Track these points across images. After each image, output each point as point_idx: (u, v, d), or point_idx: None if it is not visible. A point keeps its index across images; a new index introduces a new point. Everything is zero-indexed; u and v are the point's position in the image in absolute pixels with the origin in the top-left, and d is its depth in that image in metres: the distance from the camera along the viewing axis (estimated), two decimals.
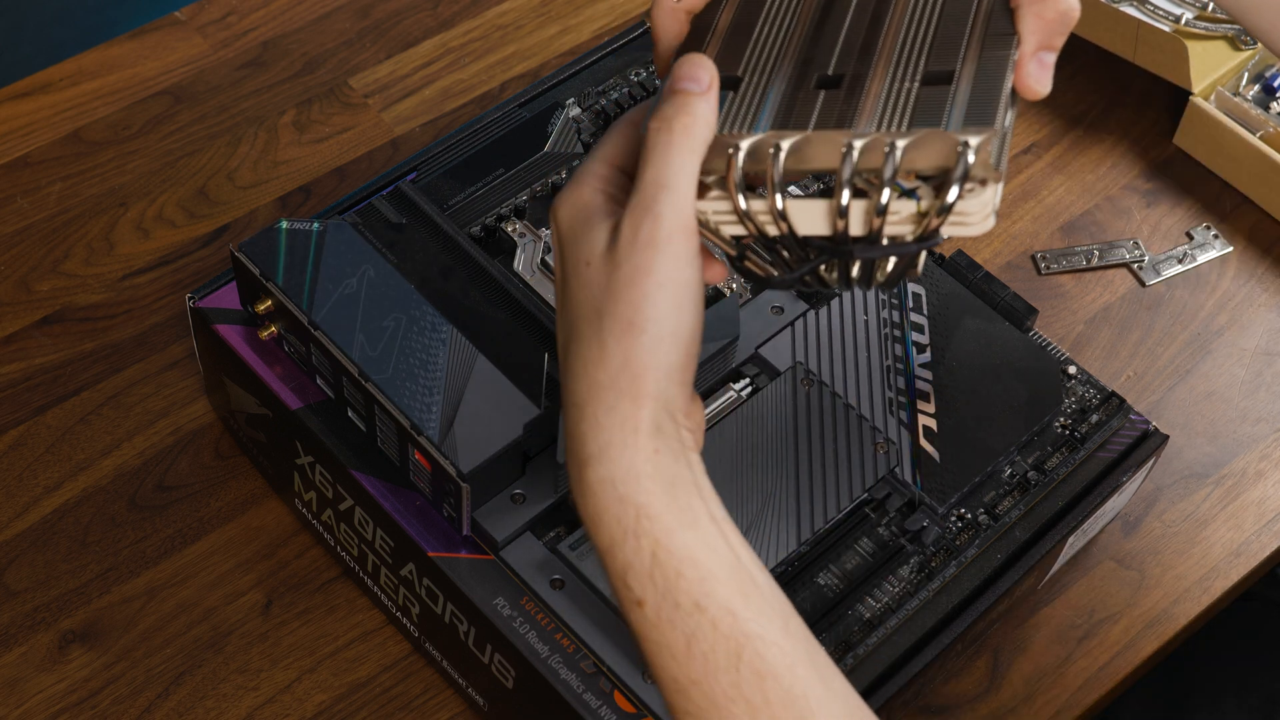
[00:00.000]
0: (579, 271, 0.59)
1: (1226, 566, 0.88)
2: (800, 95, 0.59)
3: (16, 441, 0.88)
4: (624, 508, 0.58)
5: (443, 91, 1.05)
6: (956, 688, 0.83)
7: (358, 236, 0.79)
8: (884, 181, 0.56)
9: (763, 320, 0.82)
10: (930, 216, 0.56)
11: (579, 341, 0.59)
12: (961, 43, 0.60)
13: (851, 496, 0.77)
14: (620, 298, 0.58)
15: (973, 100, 0.57)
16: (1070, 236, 1.02)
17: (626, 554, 0.59)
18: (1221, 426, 0.94)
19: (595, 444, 0.58)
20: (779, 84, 0.60)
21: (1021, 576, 0.78)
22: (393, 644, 0.83)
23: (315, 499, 0.82)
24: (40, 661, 0.81)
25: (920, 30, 0.61)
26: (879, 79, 0.59)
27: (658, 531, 0.59)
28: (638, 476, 0.58)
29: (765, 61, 0.61)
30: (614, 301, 0.58)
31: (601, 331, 0.59)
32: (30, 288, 0.94)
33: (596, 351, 0.59)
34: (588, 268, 0.59)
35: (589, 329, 0.59)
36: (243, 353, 0.80)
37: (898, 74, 0.59)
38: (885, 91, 0.58)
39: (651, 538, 0.59)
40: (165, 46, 1.06)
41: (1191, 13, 1.06)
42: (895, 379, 0.81)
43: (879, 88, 0.58)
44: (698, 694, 0.59)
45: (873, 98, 0.58)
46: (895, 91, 0.58)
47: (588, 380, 0.59)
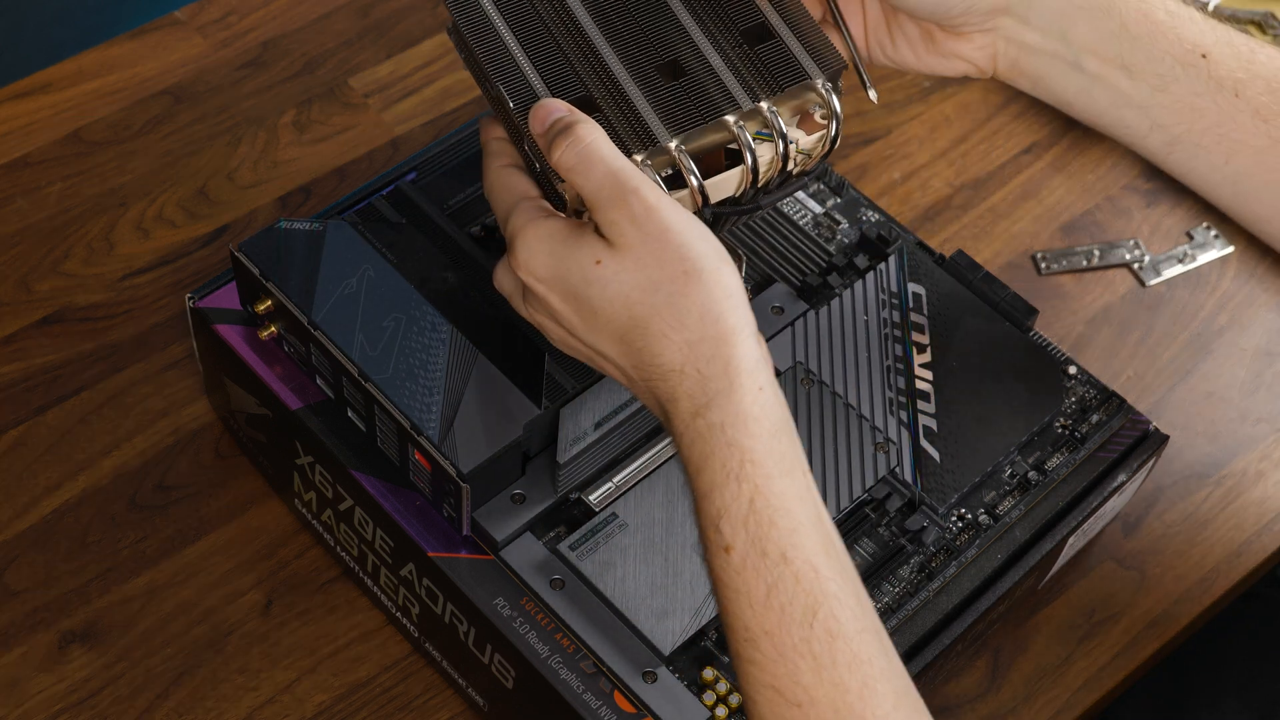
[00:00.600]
0: (592, 274, 0.62)
1: (1227, 567, 0.88)
2: (662, 92, 0.67)
3: (16, 441, 0.88)
4: (730, 452, 0.61)
5: (443, 91, 1.05)
6: (956, 688, 0.83)
7: (358, 236, 0.79)
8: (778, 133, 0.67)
9: (763, 320, 0.82)
10: (824, 143, 0.69)
11: (641, 323, 0.62)
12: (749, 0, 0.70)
13: (851, 496, 0.77)
14: (664, 260, 0.62)
15: (808, 48, 0.69)
16: (1070, 236, 1.02)
17: (726, 498, 0.61)
18: (1222, 426, 0.94)
19: (705, 394, 0.61)
20: (631, 88, 0.67)
21: (1022, 577, 0.78)
22: (393, 644, 0.83)
23: (315, 499, 0.82)
24: (40, 661, 0.81)
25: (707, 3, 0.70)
26: (711, 52, 0.68)
27: (758, 477, 0.61)
28: (745, 419, 0.61)
29: (598, 76, 0.68)
30: (659, 267, 0.62)
31: (660, 299, 0.62)
32: (30, 288, 0.94)
33: (669, 318, 0.62)
34: (599, 266, 0.62)
35: (645, 306, 0.62)
36: (243, 353, 0.80)
37: (721, 43, 0.69)
38: (727, 63, 0.68)
39: (752, 483, 0.61)
40: (165, 46, 1.06)
41: None
42: (895, 379, 0.80)
43: (719, 60, 0.68)
44: (768, 644, 0.61)
45: (731, 69, 0.68)
46: (737, 58, 0.68)
47: (673, 347, 0.62)
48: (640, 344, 0.63)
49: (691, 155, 0.67)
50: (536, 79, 0.68)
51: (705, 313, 0.62)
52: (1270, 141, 0.72)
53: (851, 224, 0.88)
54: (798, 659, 0.60)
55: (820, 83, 0.69)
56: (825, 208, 0.88)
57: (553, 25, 0.70)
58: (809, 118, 0.70)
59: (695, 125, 0.67)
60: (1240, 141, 0.73)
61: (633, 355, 0.63)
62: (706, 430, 0.62)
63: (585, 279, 0.63)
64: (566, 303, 0.64)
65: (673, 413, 0.63)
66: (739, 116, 0.67)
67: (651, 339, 0.62)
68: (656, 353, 0.62)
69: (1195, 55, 0.72)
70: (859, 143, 1.05)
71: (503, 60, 0.69)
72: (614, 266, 0.62)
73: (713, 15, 0.70)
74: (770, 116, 0.68)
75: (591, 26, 0.70)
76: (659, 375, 0.63)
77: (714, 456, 0.61)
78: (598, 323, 0.63)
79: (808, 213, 0.88)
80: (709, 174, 0.67)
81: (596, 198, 0.63)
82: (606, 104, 0.67)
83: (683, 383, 0.62)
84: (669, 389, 0.62)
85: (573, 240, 0.64)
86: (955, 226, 1.01)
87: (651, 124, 0.67)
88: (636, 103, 0.67)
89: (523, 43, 0.69)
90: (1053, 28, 0.72)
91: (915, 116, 1.06)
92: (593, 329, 0.64)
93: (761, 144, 0.68)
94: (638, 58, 0.69)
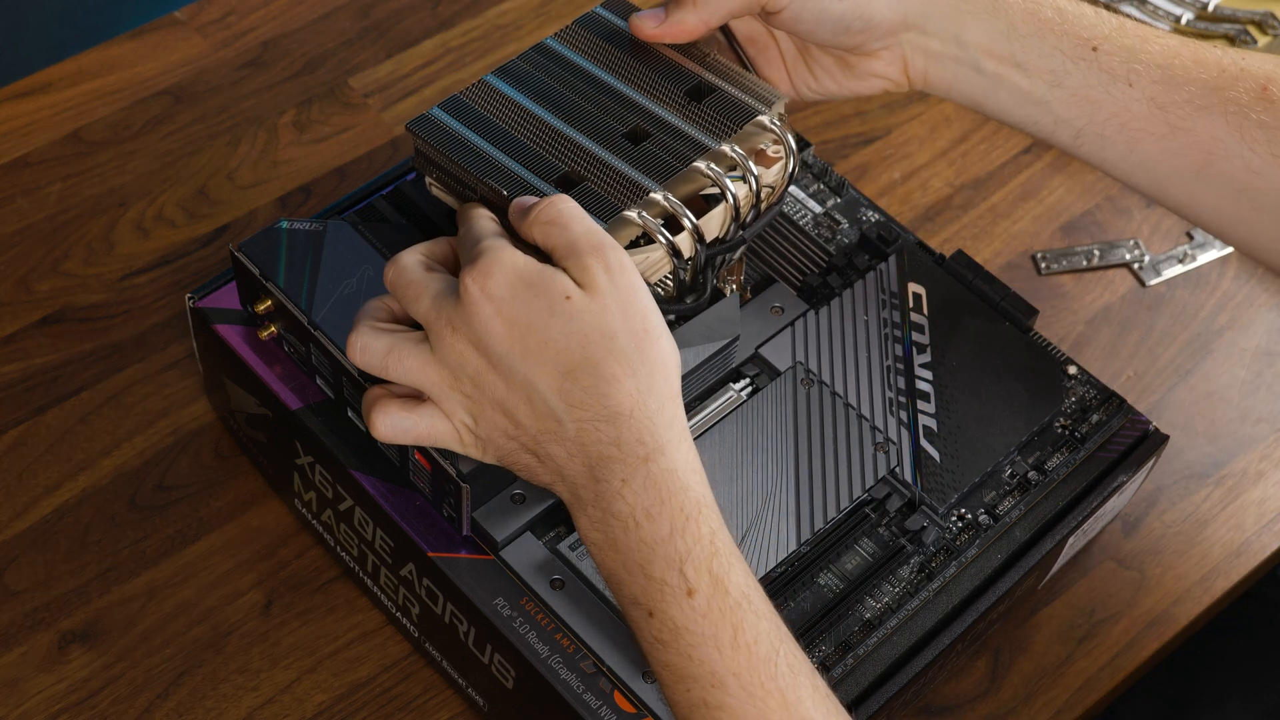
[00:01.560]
0: (559, 306, 0.63)
1: (1227, 567, 0.88)
2: (635, 154, 0.73)
3: (16, 441, 0.88)
4: (686, 496, 0.63)
5: (443, 91, 1.05)
6: (956, 688, 0.83)
7: (358, 236, 0.79)
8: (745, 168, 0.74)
9: (763, 320, 0.82)
10: (785, 172, 0.76)
11: (593, 363, 0.63)
12: (677, 65, 0.77)
13: (851, 496, 0.77)
14: (628, 314, 0.64)
15: (747, 92, 0.76)
16: (1070, 236, 1.02)
17: (688, 542, 0.62)
18: (1222, 426, 0.94)
19: (654, 440, 0.63)
20: (607, 156, 0.73)
21: (1022, 577, 0.78)
22: (393, 644, 0.83)
23: (315, 499, 0.82)
24: (40, 661, 0.81)
25: (641, 77, 0.77)
26: (666, 114, 0.75)
27: (713, 520, 0.63)
28: (694, 468, 0.64)
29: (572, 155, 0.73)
30: (623, 319, 0.64)
31: (617, 346, 0.63)
32: (30, 288, 0.94)
33: (623, 364, 0.63)
34: (568, 301, 0.63)
35: (602, 349, 0.63)
36: (243, 353, 0.80)
37: (670, 105, 0.75)
38: (683, 119, 0.75)
39: (709, 526, 0.63)
40: (165, 46, 1.06)
41: (1191, 13, 1.06)
42: (895, 379, 0.80)
43: (674, 118, 0.75)
44: (736, 686, 0.62)
45: (688, 123, 0.75)
46: (690, 112, 0.75)
47: (624, 391, 0.63)
48: (588, 383, 0.63)
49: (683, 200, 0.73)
50: (519, 168, 0.72)
51: (655, 370, 0.64)
52: (1169, 128, 0.74)
53: (851, 224, 0.88)
54: (766, 698, 0.61)
55: (769, 118, 0.75)
56: (825, 208, 0.88)
57: (513, 126, 0.74)
58: (763, 154, 0.76)
59: (674, 174, 0.72)
60: (1141, 130, 0.75)
61: (575, 393, 0.63)
62: (660, 475, 0.63)
63: (550, 309, 0.63)
64: (513, 328, 0.63)
65: (612, 458, 0.63)
66: (709, 161, 0.73)
67: (602, 380, 0.63)
68: (606, 394, 0.63)
69: (1085, 49, 0.74)
70: (859, 143, 1.05)
71: (483, 162, 0.72)
72: (581, 306, 0.64)
73: (654, 85, 0.76)
74: (737, 156, 0.74)
75: (551, 117, 0.75)
76: (604, 416, 0.63)
77: (670, 501, 0.63)
78: (545, 354, 0.63)
79: (808, 213, 0.88)
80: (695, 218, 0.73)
81: (575, 245, 0.65)
82: (588, 174, 0.72)
83: (631, 426, 0.63)
84: (613, 432, 0.63)
85: (546, 273, 0.65)
86: (955, 226, 1.01)
87: (638, 180, 0.72)
88: (617, 166, 0.73)
89: (495, 145, 0.74)
90: (948, 34, 0.76)
91: (915, 116, 1.06)
92: (534, 359, 0.63)
93: (735, 183, 0.73)
94: (602, 132, 0.74)
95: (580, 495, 0.65)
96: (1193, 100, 0.73)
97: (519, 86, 0.76)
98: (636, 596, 0.63)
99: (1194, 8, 1.06)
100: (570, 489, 0.65)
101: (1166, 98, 0.73)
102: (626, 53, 0.78)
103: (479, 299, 0.64)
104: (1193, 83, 0.73)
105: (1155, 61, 0.74)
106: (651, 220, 0.71)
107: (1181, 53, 0.74)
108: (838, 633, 0.74)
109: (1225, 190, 0.74)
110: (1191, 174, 0.75)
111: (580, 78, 0.77)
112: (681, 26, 0.76)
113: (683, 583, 0.62)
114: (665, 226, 0.71)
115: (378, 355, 0.66)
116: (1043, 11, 0.75)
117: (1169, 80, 0.73)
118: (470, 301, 0.64)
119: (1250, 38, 1.05)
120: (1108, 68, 0.74)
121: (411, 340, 0.66)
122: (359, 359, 0.67)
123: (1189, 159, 0.74)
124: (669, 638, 0.63)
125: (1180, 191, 0.76)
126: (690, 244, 0.72)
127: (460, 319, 0.64)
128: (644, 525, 0.62)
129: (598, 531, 0.64)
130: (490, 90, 0.76)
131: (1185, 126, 0.73)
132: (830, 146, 1.04)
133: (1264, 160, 0.73)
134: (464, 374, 0.65)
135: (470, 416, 0.66)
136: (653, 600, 0.62)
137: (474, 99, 0.76)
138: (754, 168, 0.74)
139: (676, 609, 0.62)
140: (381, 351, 0.66)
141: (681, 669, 0.62)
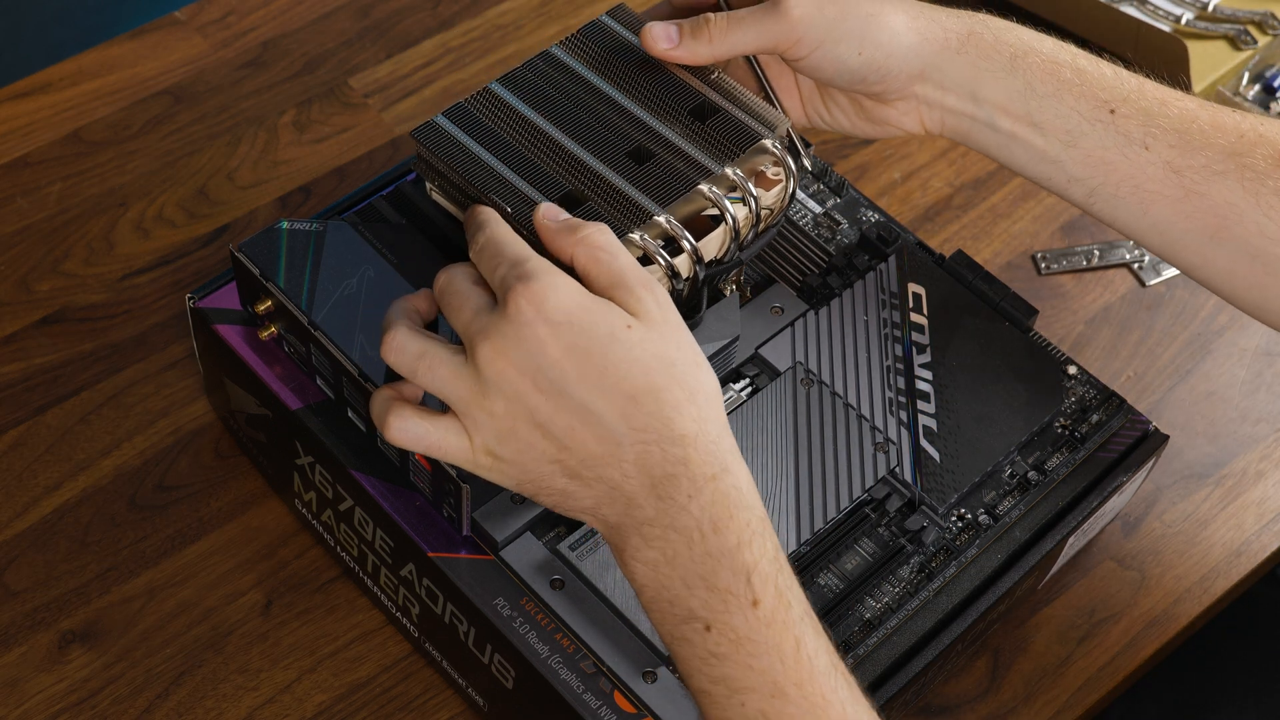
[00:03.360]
0: (621, 333, 0.64)
1: (1227, 567, 0.88)
2: (638, 174, 0.74)
3: (16, 441, 0.88)
4: (751, 513, 0.64)
5: (443, 91, 1.05)
6: (956, 688, 0.83)
7: (358, 236, 0.79)
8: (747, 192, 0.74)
9: (763, 320, 0.82)
10: (784, 195, 0.76)
11: (656, 390, 0.64)
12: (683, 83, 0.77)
13: (851, 496, 0.77)
14: (681, 345, 0.66)
15: (751, 115, 0.76)
16: (1070, 236, 1.02)
17: (754, 554, 0.64)
18: (1221, 426, 0.94)
19: (719, 461, 0.64)
20: (611, 176, 0.73)
21: (1021, 577, 0.78)
22: (393, 644, 0.83)
23: (315, 499, 0.82)
24: (40, 661, 0.81)
25: (646, 92, 0.77)
26: (670, 133, 0.75)
27: (772, 535, 0.65)
28: (755, 490, 0.65)
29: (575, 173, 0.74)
30: (677, 349, 0.65)
31: (676, 374, 0.65)
32: (30, 288, 0.94)
33: (682, 392, 0.65)
34: (629, 330, 0.64)
35: (663, 377, 0.64)
36: (243, 353, 0.80)
37: (674, 124, 0.76)
38: (686, 139, 0.75)
39: (772, 540, 0.65)
40: (165, 46, 1.06)
41: (1191, 13, 1.06)
42: (895, 379, 0.81)
43: (678, 139, 0.75)
44: (798, 695, 0.63)
45: (691, 144, 0.75)
46: (694, 133, 0.75)
47: (687, 417, 0.64)
48: (652, 408, 0.64)
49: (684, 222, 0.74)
50: (524, 184, 0.72)
51: (710, 399, 0.65)
52: (1184, 192, 0.74)
53: (851, 224, 0.88)
54: (828, 708, 0.62)
55: (771, 142, 0.75)
56: (825, 208, 0.88)
57: (517, 138, 0.75)
58: (763, 176, 0.76)
59: (676, 197, 0.73)
60: (1155, 193, 0.75)
61: (639, 417, 0.64)
62: (728, 490, 0.64)
63: (612, 335, 0.64)
64: (570, 353, 0.63)
65: (679, 475, 0.64)
66: (710, 184, 0.74)
67: (665, 406, 0.64)
68: (669, 418, 0.64)
69: (1103, 111, 0.75)
70: (859, 143, 1.05)
71: (487, 176, 0.73)
72: (641, 334, 0.64)
73: (659, 103, 0.77)
74: (738, 179, 0.74)
75: (556, 131, 0.75)
76: (670, 439, 0.64)
77: (737, 515, 0.64)
78: (605, 381, 0.63)
79: (808, 213, 0.88)
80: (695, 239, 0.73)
81: (624, 276, 0.66)
82: (591, 194, 0.73)
83: (698, 447, 0.64)
84: (680, 453, 0.64)
85: (603, 300, 0.65)
86: (955, 226, 1.01)
87: (640, 202, 0.73)
88: (621, 187, 0.73)
89: (500, 158, 0.74)
90: (965, 90, 0.77)
91: None
92: (592, 384, 0.63)
93: (734, 205, 0.74)
94: (606, 150, 0.74)
95: (636, 515, 0.64)
96: (1209, 165, 0.73)
97: (524, 96, 0.76)
98: (695, 610, 0.63)
99: (1194, 8, 1.06)
100: (624, 510, 0.65)
101: (1183, 162, 0.74)
102: (632, 66, 0.78)
103: (534, 321, 0.63)
104: (1210, 147, 0.73)
105: (1173, 126, 0.74)
106: (652, 242, 0.72)
107: (1200, 116, 0.74)
108: (838, 633, 0.74)
109: (1239, 254, 0.75)
110: (1205, 237, 0.75)
111: (585, 90, 0.77)
112: (692, 55, 0.76)
113: (749, 592, 0.63)
114: (665, 248, 0.72)
115: (410, 357, 0.66)
116: (1062, 72, 0.75)
117: (1186, 145, 0.74)
118: (524, 323, 0.63)
119: (1250, 38, 1.05)
120: (1125, 130, 0.74)
121: (447, 350, 0.66)
122: (391, 357, 0.66)
123: (1203, 222, 0.74)
124: (728, 649, 0.63)
125: (1193, 254, 0.76)
126: (689, 265, 0.73)
127: (507, 338, 0.64)
128: (710, 537, 0.63)
129: (654, 550, 0.64)
130: (495, 99, 0.76)
131: (1200, 190, 0.74)
132: (830, 146, 1.04)
133: (1278, 226, 0.73)
134: (499, 393, 0.64)
135: (495, 436, 0.65)
136: (714, 612, 0.63)
137: (478, 107, 0.76)
138: (754, 190, 0.74)
139: (740, 619, 0.62)
140: (415, 354, 0.66)
141: (739, 681, 0.63)
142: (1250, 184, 0.73)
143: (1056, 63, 0.76)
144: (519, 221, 0.71)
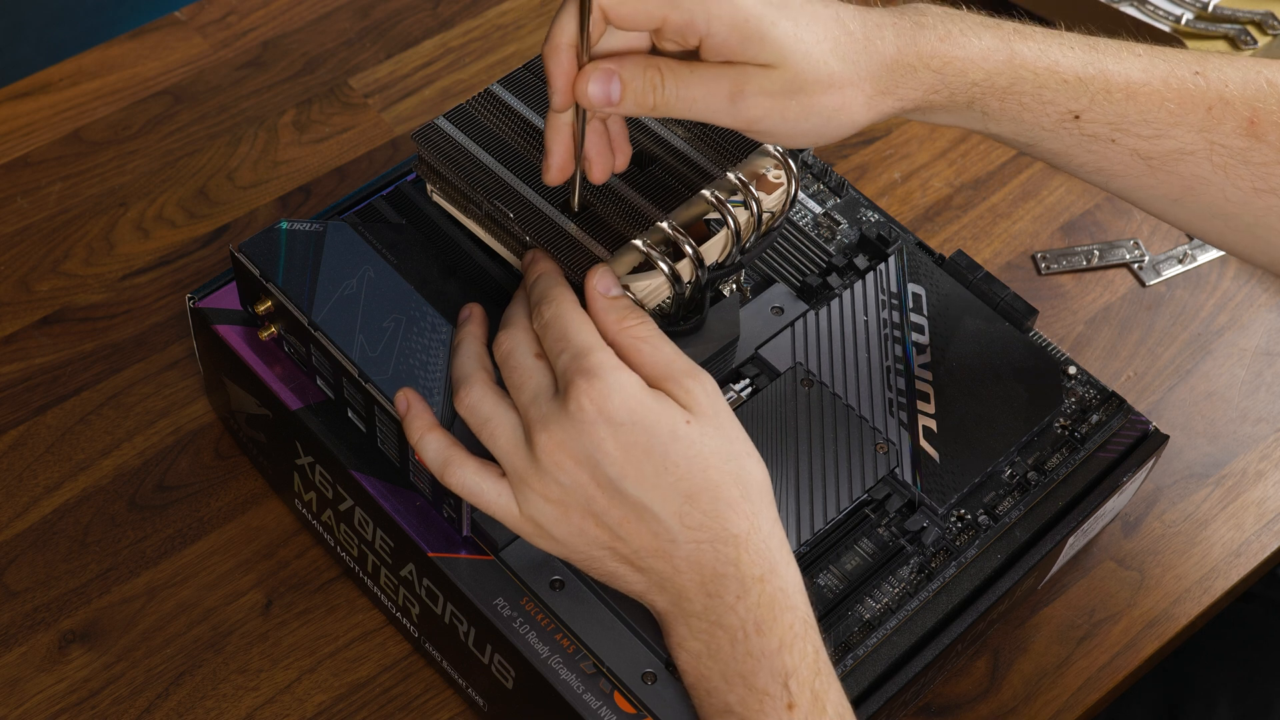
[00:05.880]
0: (681, 430, 0.65)
1: (1226, 567, 0.88)
2: (640, 180, 0.74)
3: (16, 441, 0.88)
4: (795, 615, 0.65)
5: (443, 91, 1.05)
6: (956, 688, 0.83)
7: (358, 236, 0.79)
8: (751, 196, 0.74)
9: (763, 320, 0.82)
10: (786, 198, 0.76)
11: (713, 488, 0.65)
12: None
13: (851, 497, 0.77)
14: (734, 439, 0.66)
15: None
16: (1070, 236, 1.02)
17: (795, 657, 0.64)
18: (1221, 426, 0.94)
19: (767, 561, 0.65)
20: (613, 181, 0.74)
21: (1021, 577, 0.78)
22: (393, 644, 0.83)
23: (315, 499, 0.82)
24: (40, 661, 0.81)
25: None
26: (671, 138, 0.75)
27: (815, 639, 0.65)
28: (801, 588, 0.66)
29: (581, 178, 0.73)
30: (730, 442, 0.66)
31: (731, 470, 0.65)
32: (30, 288, 0.94)
33: (738, 488, 0.65)
34: (689, 425, 0.65)
35: (721, 473, 0.65)
36: (243, 353, 0.80)
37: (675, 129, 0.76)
38: (689, 142, 0.76)
39: (814, 644, 0.65)
40: (165, 46, 1.06)
41: (1191, 13, 1.06)
42: (895, 379, 0.81)
43: (680, 143, 0.76)
44: None
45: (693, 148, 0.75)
46: (695, 137, 0.76)
47: (741, 515, 0.65)
48: (709, 507, 0.64)
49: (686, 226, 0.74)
50: (526, 189, 0.73)
51: (762, 492, 0.66)
52: (1150, 170, 0.74)
53: (851, 224, 0.88)
54: None
55: (774, 145, 0.76)
56: (825, 208, 0.88)
57: (518, 141, 0.75)
58: (764, 180, 0.76)
59: (680, 203, 0.73)
60: (1120, 174, 0.75)
61: (695, 516, 0.64)
62: (774, 593, 0.64)
63: (673, 434, 0.64)
64: (629, 452, 0.64)
65: (729, 575, 0.64)
66: (713, 188, 0.74)
67: (722, 504, 0.64)
68: (726, 517, 0.64)
69: (1067, 119, 0.73)
70: (859, 143, 1.05)
71: (489, 180, 0.73)
72: (699, 430, 0.65)
73: None
74: (740, 183, 0.74)
75: None
76: (723, 539, 0.64)
77: (781, 618, 0.64)
78: (664, 480, 0.64)
79: (808, 213, 0.88)
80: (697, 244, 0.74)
81: (671, 368, 0.66)
82: (595, 200, 0.73)
83: (749, 548, 0.65)
84: (732, 553, 0.64)
85: (661, 396, 0.65)
86: (955, 226, 1.01)
87: (642, 209, 0.73)
88: (623, 193, 0.74)
89: (501, 161, 0.74)
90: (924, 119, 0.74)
91: None
92: (650, 484, 0.64)
93: (736, 209, 0.74)
94: None
95: (685, 607, 0.66)
96: (1179, 149, 0.73)
97: (525, 99, 0.76)
98: (731, 705, 0.65)
99: (1194, 8, 1.06)
100: (673, 600, 0.66)
101: (1150, 148, 0.73)
102: None
103: (596, 420, 0.64)
104: (1179, 126, 0.72)
105: (1141, 117, 0.73)
106: (655, 248, 0.72)
107: (1167, 98, 0.72)
108: (838, 633, 0.74)
109: (1201, 214, 0.75)
110: (1169, 200, 0.75)
111: None
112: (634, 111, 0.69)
113: (785, 695, 0.63)
114: (667, 253, 0.72)
115: (478, 418, 0.68)
116: (1022, 94, 0.71)
117: (1155, 135, 0.73)
118: (585, 421, 0.64)
119: (1250, 38, 1.05)
120: (1090, 133, 0.73)
121: (511, 423, 0.67)
122: (463, 411, 0.69)
123: (1169, 190, 0.75)
124: None
125: (1156, 210, 0.77)
126: (691, 270, 0.73)
127: (567, 432, 0.65)
128: (753, 638, 0.64)
129: (698, 641, 0.65)
130: (496, 101, 0.76)
131: (1168, 169, 0.74)
132: (830, 147, 1.04)
133: (1243, 194, 0.73)
134: (554, 480, 0.65)
135: (545, 516, 0.67)
136: (750, 710, 0.64)
137: (479, 109, 0.76)
138: (756, 193, 0.75)
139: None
140: (483, 418, 0.68)
141: None
142: (1219, 159, 0.73)
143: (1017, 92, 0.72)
144: (520, 224, 0.71)
